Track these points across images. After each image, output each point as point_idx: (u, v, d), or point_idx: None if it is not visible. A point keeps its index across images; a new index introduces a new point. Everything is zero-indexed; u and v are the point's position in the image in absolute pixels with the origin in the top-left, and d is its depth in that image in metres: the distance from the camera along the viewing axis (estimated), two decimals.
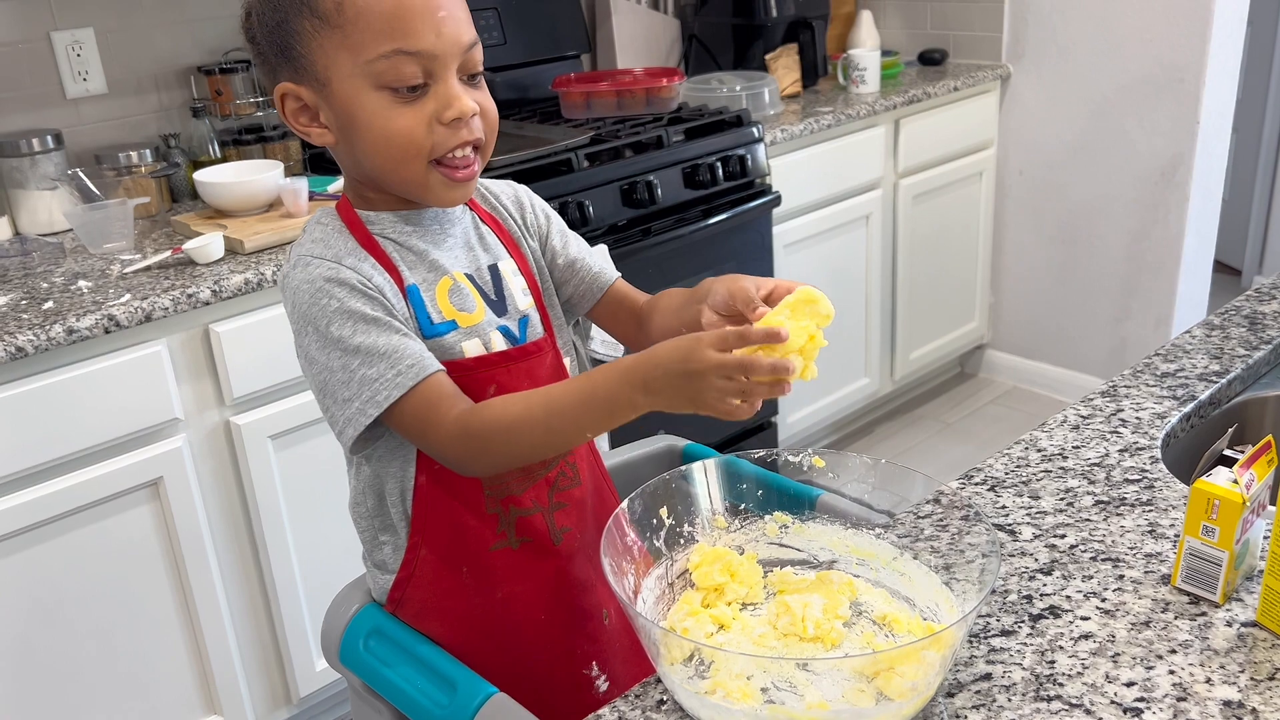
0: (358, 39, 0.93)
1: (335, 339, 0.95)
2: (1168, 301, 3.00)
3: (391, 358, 0.94)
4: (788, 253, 2.70)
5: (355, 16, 0.93)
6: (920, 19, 3.31)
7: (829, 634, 0.87)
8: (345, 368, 0.95)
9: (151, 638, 1.83)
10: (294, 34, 0.95)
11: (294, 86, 0.98)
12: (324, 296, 0.96)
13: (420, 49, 0.93)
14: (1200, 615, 0.89)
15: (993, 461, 1.16)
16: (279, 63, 0.98)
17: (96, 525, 1.73)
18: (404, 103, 0.95)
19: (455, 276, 1.04)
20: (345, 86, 0.95)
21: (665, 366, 0.86)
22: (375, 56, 0.93)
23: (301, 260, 0.99)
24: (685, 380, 0.85)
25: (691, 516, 0.98)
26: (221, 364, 1.79)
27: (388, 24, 0.92)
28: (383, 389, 0.93)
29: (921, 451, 3.13)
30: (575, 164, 2.23)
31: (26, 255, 1.91)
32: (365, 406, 0.94)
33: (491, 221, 1.12)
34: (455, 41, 0.95)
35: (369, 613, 1.08)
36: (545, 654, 1.10)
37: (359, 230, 1.02)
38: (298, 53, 0.96)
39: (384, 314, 0.97)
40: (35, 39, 2.13)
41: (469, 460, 0.96)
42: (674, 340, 0.87)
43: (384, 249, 1.02)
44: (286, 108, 1.00)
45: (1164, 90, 2.85)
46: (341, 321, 0.95)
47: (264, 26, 0.98)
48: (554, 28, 2.84)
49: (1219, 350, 1.36)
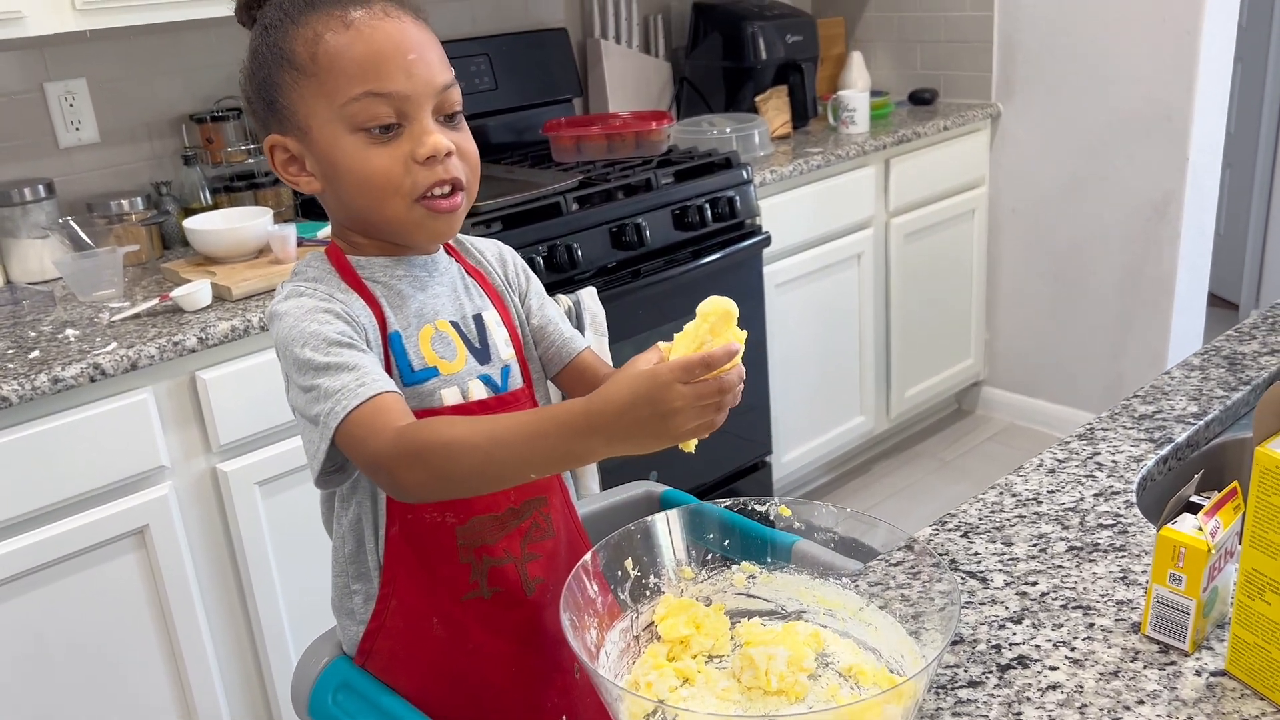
0: (332, 85, 0.97)
1: (307, 360, 0.95)
2: (1163, 337, 3.00)
3: (356, 371, 0.94)
4: (779, 292, 2.70)
5: (329, 64, 0.96)
6: (910, 60, 3.33)
7: (793, 687, 0.86)
8: (314, 384, 0.95)
9: (137, 685, 1.82)
10: (276, 87, 1.00)
11: (281, 138, 1.01)
12: (307, 320, 0.97)
13: (391, 90, 0.96)
14: (1170, 664, 0.88)
15: (966, 507, 1.15)
16: (267, 116, 1.02)
17: (83, 573, 1.73)
18: (379, 143, 0.98)
19: (438, 326, 1.06)
20: (324, 132, 0.98)
21: (631, 414, 0.80)
22: (348, 100, 0.96)
23: (295, 291, 1.01)
24: (659, 421, 0.80)
25: (657, 568, 0.98)
26: (208, 411, 1.80)
27: (359, 68, 0.96)
28: (344, 398, 0.92)
29: (919, 490, 3.11)
30: (564, 207, 2.24)
31: (16, 304, 1.92)
32: (328, 419, 0.93)
33: (476, 274, 1.14)
34: (427, 82, 0.98)
35: (338, 666, 1.07)
36: (516, 707, 1.09)
37: (348, 274, 1.04)
38: (281, 104, 1.00)
39: (360, 341, 0.98)
40: (29, 90, 2.16)
41: (402, 471, 0.89)
42: (627, 385, 0.80)
43: (372, 292, 1.03)
44: (276, 159, 1.03)
45: (1153, 127, 2.86)
46: (316, 344, 0.96)
47: (252, 83, 1.02)
48: (546, 72, 2.87)
49: (1198, 391, 1.36)
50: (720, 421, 0.83)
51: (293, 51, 0.98)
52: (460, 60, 2.68)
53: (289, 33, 0.98)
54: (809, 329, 2.85)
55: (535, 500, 1.10)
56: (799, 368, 2.84)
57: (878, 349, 3.07)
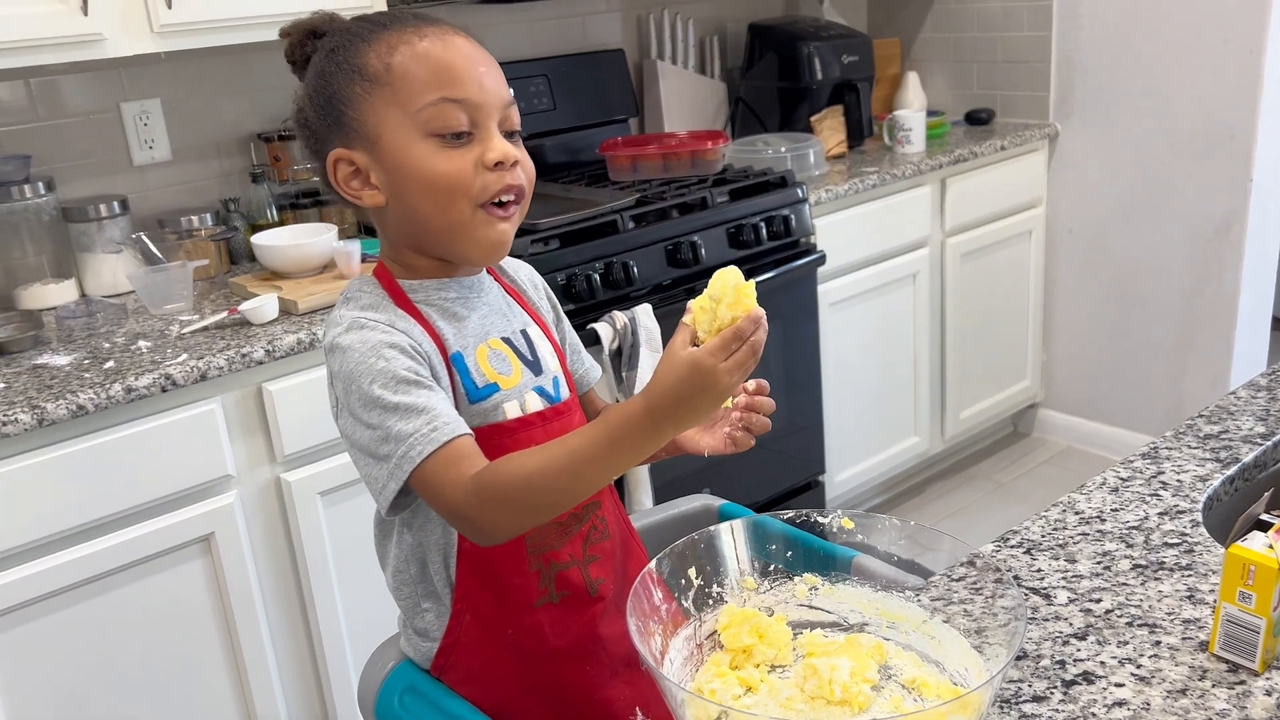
0: (406, 92, 1.00)
1: (376, 398, 0.97)
2: (1224, 360, 2.95)
3: (428, 414, 0.96)
4: (833, 311, 2.70)
5: (404, 73, 1.00)
6: (967, 79, 3.33)
7: (856, 697, 0.87)
8: (383, 424, 0.97)
9: (200, 690, 1.86)
10: (345, 101, 1.02)
11: (346, 151, 1.03)
12: (374, 357, 0.98)
13: (465, 97, 1.00)
14: (1239, 684, 0.88)
15: (1029, 524, 1.15)
16: (330, 134, 1.04)
17: (150, 580, 1.77)
18: (450, 148, 1.01)
19: (491, 344, 1.08)
20: (396, 138, 1.01)
21: (686, 399, 0.87)
22: (423, 105, 0.99)
23: (356, 323, 1.02)
24: (710, 398, 0.87)
25: (720, 577, 0.98)
26: (273, 422, 1.84)
27: (434, 75, 1.00)
28: (418, 444, 0.95)
29: (974, 512, 3.08)
30: (621, 225, 2.27)
31: (91, 316, 1.98)
32: (401, 462, 0.96)
33: (514, 293, 1.18)
34: (497, 95, 1.02)
35: (404, 670, 1.09)
36: (590, 704, 1.11)
37: (401, 298, 1.06)
38: (349, 117, 1.02)
39: (427, 377, 1.00)
40: (106, 110, 2.23)
41: (486, 516, 0.94)
42: (674, 375, 0.87)
43: (426, 316, 1.05)
44: (339, 173, 1.04)
45: (1215, 147, 2.82)
46: (385, 381, 0.97)
47: (316, 105, 1.04)
48: (603, 93, 2.90)
49: (1265, 412, 1.34)
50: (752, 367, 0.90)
51: (365, 64, 1.01)
52: (519, 81, 2.72)
53: (360, 49, 1.02)
54: (863, 348, 2.84)
55: (592, 505, 1.13)
56: (853, 387, 2.83)
57: (932, 369, 3.06)
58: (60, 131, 2.19)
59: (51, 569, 1.66)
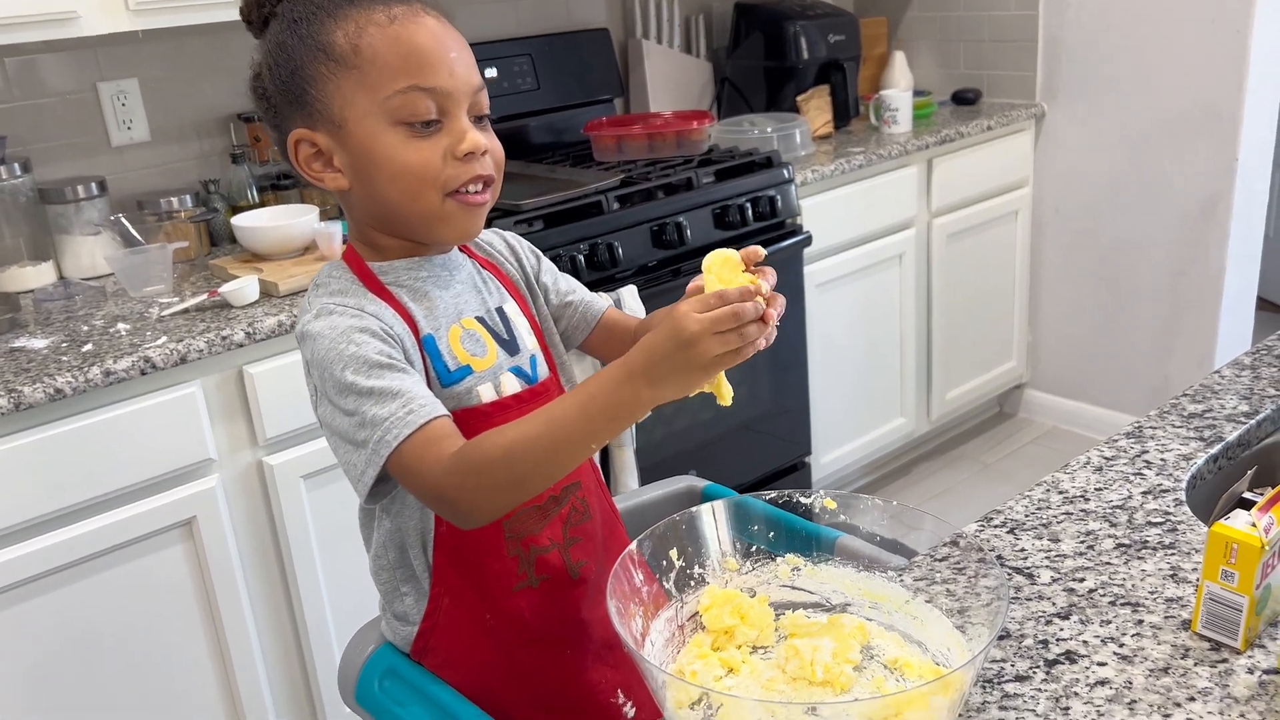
0: (375, 78, 0.97)
1: (349, 384, 0.95)
2: (1210, 340, 2.95)
3: (403, 397, 0.94)
4: (819, 292, 2.69)
5: (373, 57, 0.97)
6: (954, 59, 3.31)
7: (838, 678, 0.86)
8: (359, 409, 0.95)
9: (183, 674, 1.85)
10: (309, 79, 0.98)
11: (308, 132, 1.00)
12: (344, 342, 0.97)
13: (435, 85, 0.97)
14: (1221, 662, 0.87)
15: (1013, 504, 1.15)
16: (291, 111, 1.01)
17: (131, 564, 1.76)
18: (419, 137, 0.98)
19: (464, 324, 1.07)
20: (362, 125, 0.98)
21: (659, 351, 0.85)
22: (392, 93, 0.97)
23: (325, 309, 1.00)
24: (683, 352, 0.84)
25: (702, 558, 0.98)
26: (255, 405, 1.82)
27: (403, 62, 0.97)
28: (394, 427, 0.93)
29: (960, 492, 3.09)
30: (606, 206, 2.25)
31: (70, 298, 1.95)
32: (378, 447, 0.94)
33: (490, 267, 1.15)
34: (466, 81, 1.00)
35: (384, 653, 1.09)
36: (572, 687, 1.11)
37: (371, 281, 1.04)
38: (312, 97, 0.99)
39: (400, 360, 0.98)
40: (83, 90, 2.20)
41: (466, 495, 0.91)
42: (655, 329, 0.86)
43: (398, 297, 1.04)
44: (300, 154, 1.02)
45: (1201, 127, 2.82)
46: (357, 366, 0.95)
47: (276, 78, 1.01)
48: (587, 72, 2.88)
49: (1248, 390, 1.34)
50: (748, 353, 0.86)
51: (332, 43, 0.97)
52: (502, 60, 2.70)
53: (326, 25, 0.98)
54: (849, 329, 2.84)
55: (572, 486, 1.11)
56: (839, 368, 2.83)
57: (919, 350, 3.05)
58: (37, 112, 2.16)
59: (31, 554, 1.65)
